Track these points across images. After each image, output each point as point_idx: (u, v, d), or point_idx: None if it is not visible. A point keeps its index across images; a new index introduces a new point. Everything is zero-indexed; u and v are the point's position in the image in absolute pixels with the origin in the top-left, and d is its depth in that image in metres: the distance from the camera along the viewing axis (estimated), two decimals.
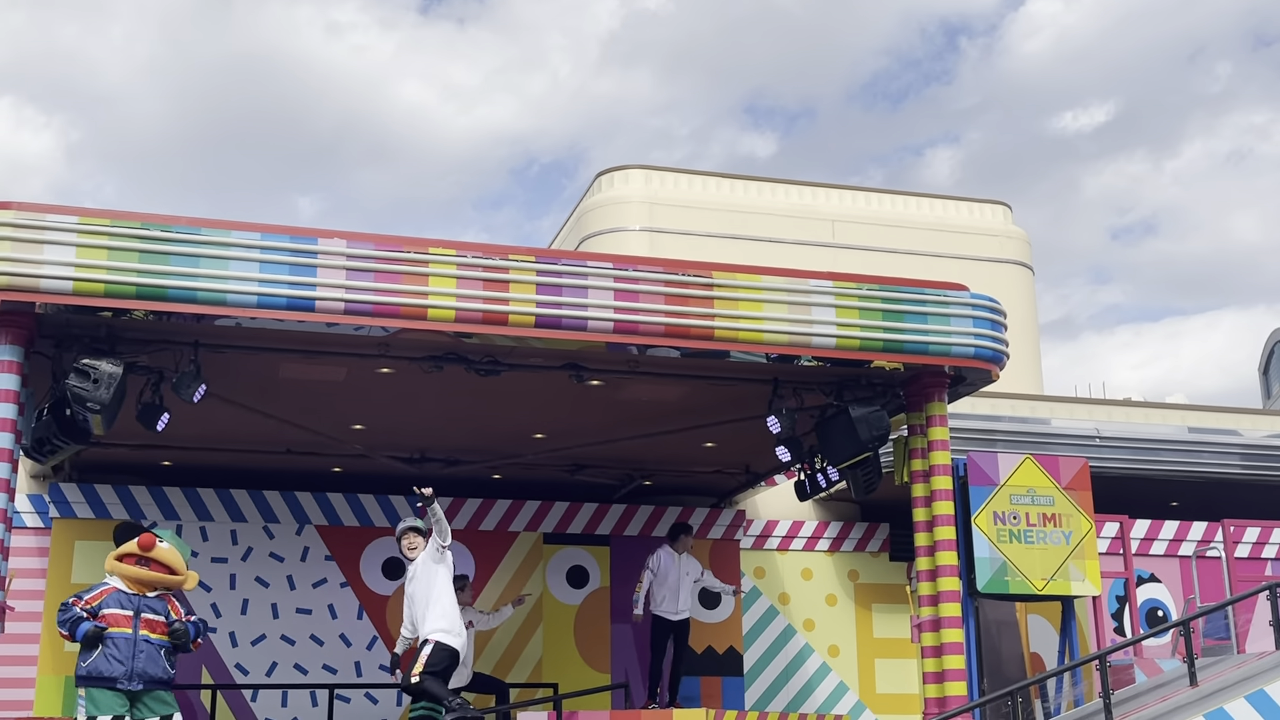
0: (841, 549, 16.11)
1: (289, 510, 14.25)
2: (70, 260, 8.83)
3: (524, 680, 14.27)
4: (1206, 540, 15.50)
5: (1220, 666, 10.65)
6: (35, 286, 8.78)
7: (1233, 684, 9.74)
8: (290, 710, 13.57)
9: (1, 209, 8.93)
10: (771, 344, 10.22)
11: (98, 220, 9.01)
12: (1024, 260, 21.92)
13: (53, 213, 8.97)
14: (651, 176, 20.69)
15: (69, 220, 8.94)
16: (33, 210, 8.96)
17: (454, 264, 9.58)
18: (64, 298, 8.88)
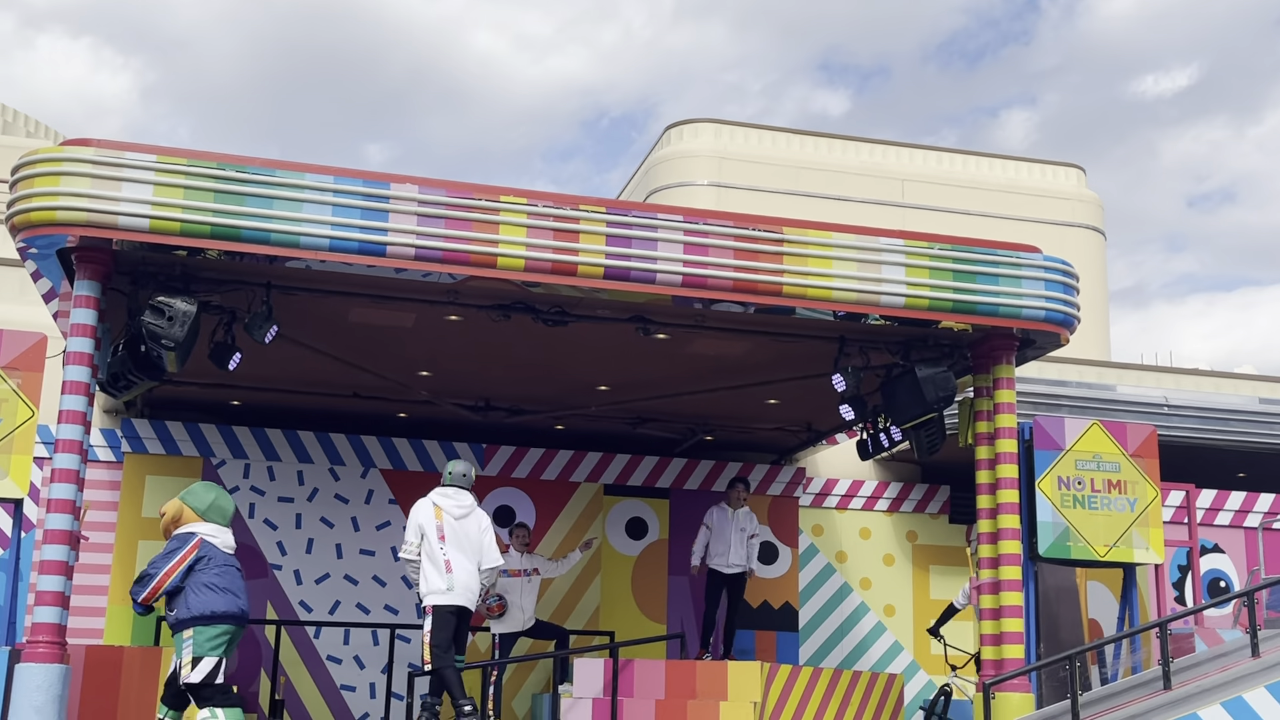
0: (901, 509, 16.08)
1: (354, 453, 14.38)
2: (147, 199, 8.85)
3: (581, 627, 14.36)
4: (1273, 512, 15.33)
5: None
6: (113, 223, 8.82)
7: None
8: (352, 648, 13.75)
9: (81, 146, 8.99)
10: (840, 301, 10.12)
11: (175, 160, 9.03)
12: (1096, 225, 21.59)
13: (131, 150, 9.00)
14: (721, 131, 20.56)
15: (147, 159, 8.97)
16: (112, 148, 8.99)
17: (525, 213, 9.53)
18: (140, 235, 8.90)
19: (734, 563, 13.57)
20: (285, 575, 13.87)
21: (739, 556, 13.59)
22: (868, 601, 15.74)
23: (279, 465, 14.15)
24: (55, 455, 9.13)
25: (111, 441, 13.88)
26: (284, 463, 14.17)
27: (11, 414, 9.37)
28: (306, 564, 13.99)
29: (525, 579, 12.58)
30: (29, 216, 8.85)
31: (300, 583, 13.93)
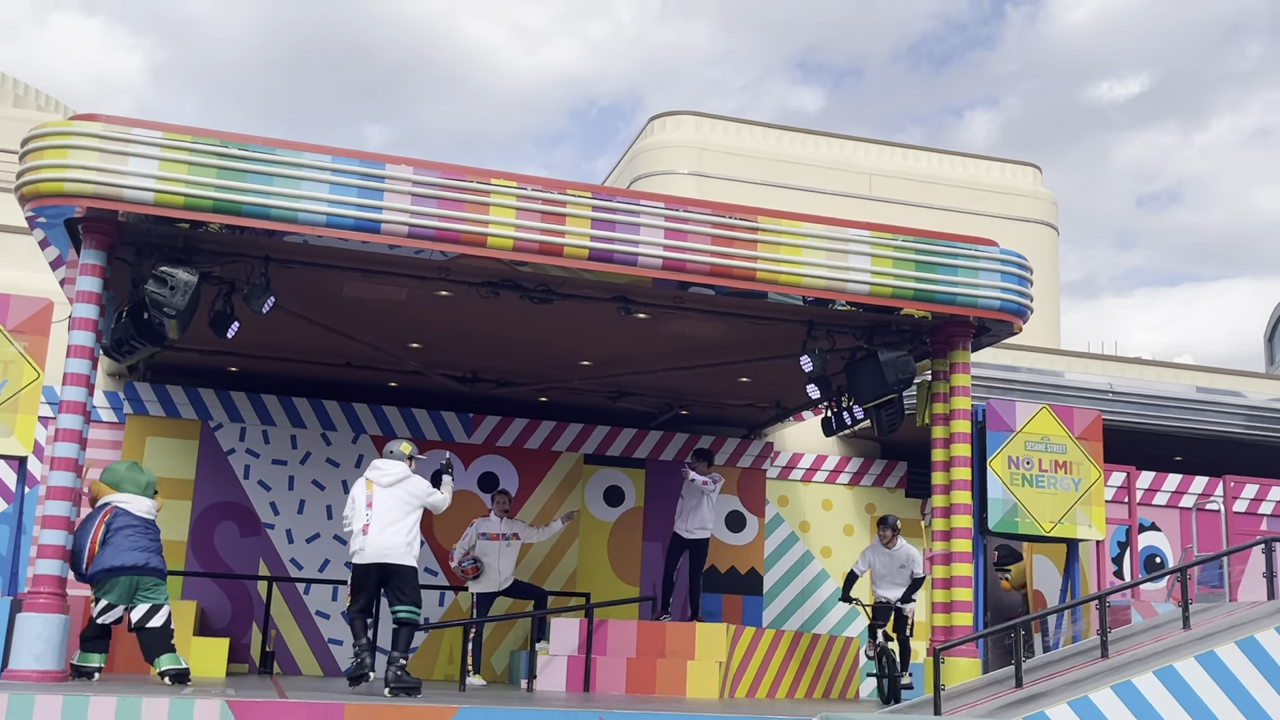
0: (861, 483, 16.14)
1: (346, 420, 14.31)
2: (152, 173, 8.77)
3: (559, 589, 14.34)
4: (1207, 494, 15.40)
5: (1213, 613, 10.58)
6: (119, 195, 8.73)
7: (1224, 629, 9.68)
8: (339, 604, 13.65)
9: (89, 120, 8.90)
10: (809, 287, 10.12)
11: (180, 136, 8.94)
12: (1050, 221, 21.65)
13: (138, 126, 8.91)
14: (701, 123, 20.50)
15: (153, 135, 8.88)
16: (119, 123, 8.90)
17: (514, 195, 9.47)
18: (145, 208, 8.82)
19: (692, 528, 13.42)
20: (277, 534, 13.80)
21: (697, 523, 13.41)
22: (828, 569, 15.81)
23: (273, 430, 14.05)
24: (59, 415, 9.06)
25: (114, 403, 13.77)
26: (278, 427, 14.08)
27: (17, 375, 9.26)
28: (298, 524, 13.92)
29: (504, 542, 12.52)
30: (38, 187, 8.77)
31: (292, 541, 13.86)
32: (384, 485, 9.60)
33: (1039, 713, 8.63)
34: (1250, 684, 9.13)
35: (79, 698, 7.26)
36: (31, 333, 9.36)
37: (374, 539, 9.44)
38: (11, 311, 9.36)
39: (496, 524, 12.58)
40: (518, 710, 7.95)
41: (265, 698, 7.79)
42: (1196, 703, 8.98)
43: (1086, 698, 8.74)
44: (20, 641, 8.59)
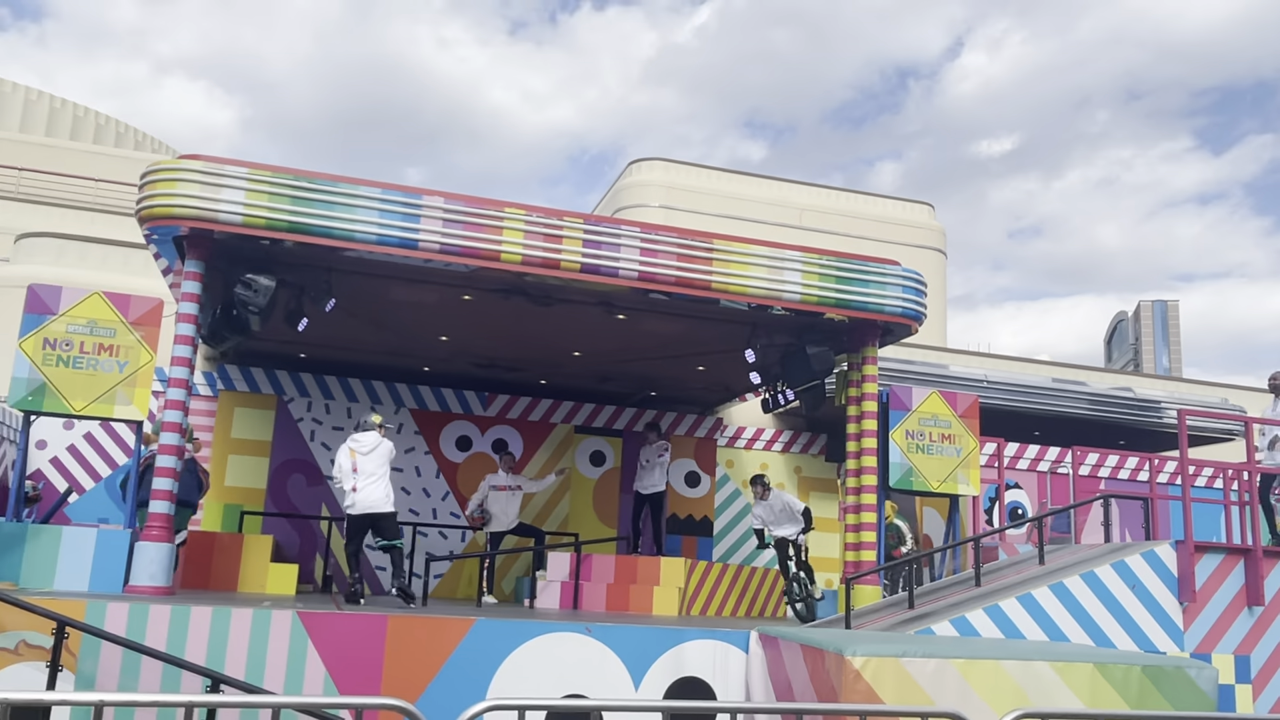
0: (791, 450, 16.19)
1: (390, 396, 14.31)
2: (241, 200, 8.80)
3: (555, 529, 14.40)
4: (1059, 461, 15.54)
5: (1062, 552, 10.68)
6: (214, 218, 8.76)
7: (1071, 565, 9.77)
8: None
9: (193, 159, 8.90)
10: (752, 296, 10.17)
11: (262, 172, 8.96)
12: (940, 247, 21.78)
13: (230, 164, 8.92)
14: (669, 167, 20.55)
15: (241, 171, 8.90)
16: (215, 162, 8.91)
17: (523, 221, 9.51)
18: (235, 228, 8.85)
19: (647, 485, 13.49)
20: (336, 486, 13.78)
21: (650, 480, 13.48)
22: None
23: (332, 403, 14.05)
24: (168, 389, 9.08)
25: (210, 382, 13.74)
26: (336, 401, 14.07)
27: (136, 357, 9.27)
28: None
29: (510, 492, 12.53)
30: (153, 211, 8.77)
31: None
32: (364, 453, 9.84)
33: (927, 628, 8.69)
34: (1090, 607, 9.25)
35: (183, 608, 7.32)
36: (147, 324, 9.36)
37: (362, 495, 9.76)
38: (132, 308, 9.36)
39: (504, 478, 12.61)
40: (522, 622, 8.00)
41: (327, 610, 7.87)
42: (1048, 621, 9.08)
43: (964, 617, 8.82)
44: (139, 564, 8.64)
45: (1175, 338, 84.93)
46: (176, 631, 7.20)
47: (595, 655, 7.97)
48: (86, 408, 9.13)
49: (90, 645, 6.92)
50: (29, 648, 6.85)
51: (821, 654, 7.00)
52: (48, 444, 13.03)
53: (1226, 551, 9.74)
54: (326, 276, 9.75)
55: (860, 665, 6.63)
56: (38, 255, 15.07)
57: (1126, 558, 9.50)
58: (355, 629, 7.52)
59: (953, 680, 6.74)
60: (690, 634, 8.29)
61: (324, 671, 7.37)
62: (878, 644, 6.91)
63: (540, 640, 7.91)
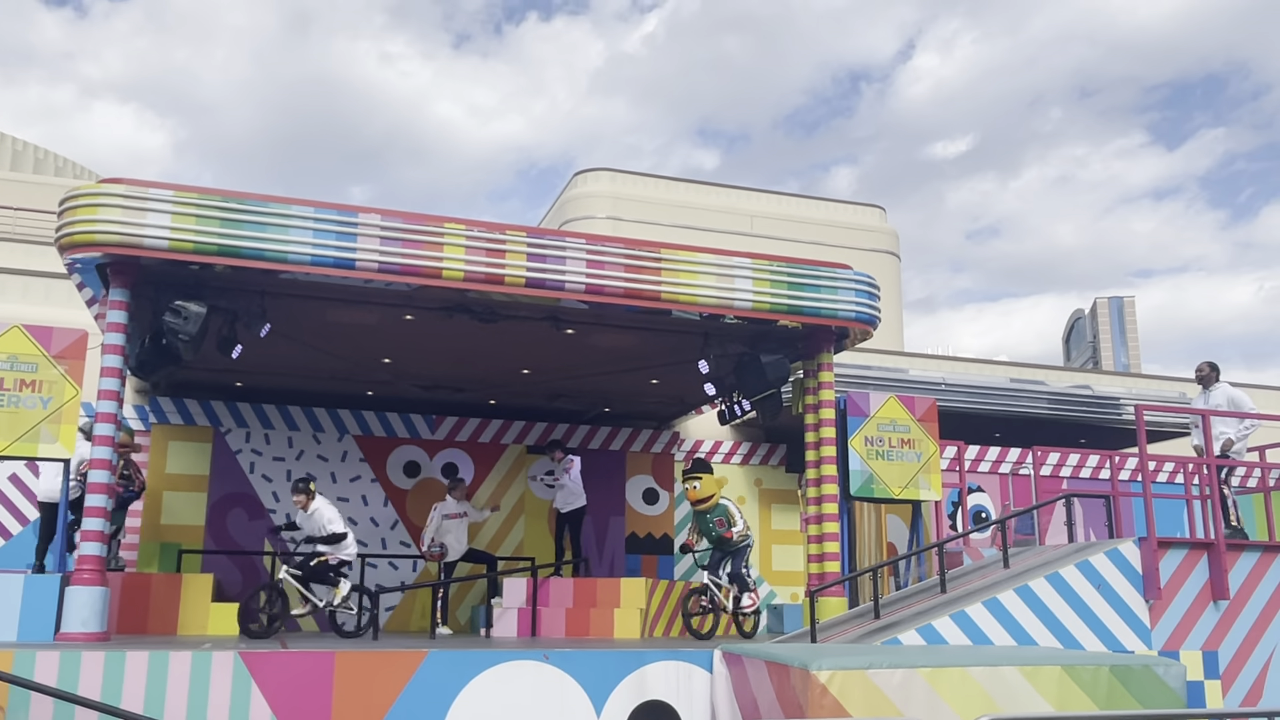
0: (750, 462, 16.21)
1: (332, 422, 14.15)
2: (167, 224, 8.65)
3: (510, 554, 14.29)
4: (1020, 462, 15.70)
5: (1027, 555, 10.77)
6: (139, 244, 8.60)
7: (1036, 567, 9.86)
8: None
9: (114, 183, 8.74)
10: (704, 305, 10.17)
11: (188, 194, 8.82)
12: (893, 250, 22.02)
13: (153, 187, 8.78)
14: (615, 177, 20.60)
15: (166, 194, 8.75)
16: (138, 185, 8.76)
17: (463, 236, 9.44)
18: (161, 253, 8.69)
19: (562, 503, 13.51)
20: (278, 517, 13.57)
21: (564, 498, 13.49)
22: None
23: (273, 433, 13.86)
24: (96, 424, 8.88)
25: (141, 415, 13.49)
26: (277, 430, 13.89)
27: (60, 393, 9.07)
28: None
29: (459, 519, 12.47)
30: (73, 239, 8.60)
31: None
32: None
33: (894, 638, 8.73)
34: (1056, 609, 9.34)
35: (118, 653, 7.15)
36: (71, 358, 9.17)
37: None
38: (54, 341, 9.16)
39: (454, 505, 12.53)
40: (477, 652, 7.93)
41: (271, 649, 7.72)
42: (1015, 625, 9.15)
43: (930, 625, 8.86)
44: (70, 609, 8.42)
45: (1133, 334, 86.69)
46: (112, 679, 7.04)
47: (554, 683, 7.91)
48: (9, 447, 8.90)
49: (19, 697, 6.73)
50: None
51: (787, 670, 7.01)
52: None
53: (1190, 546, 9.91)
54: (260, 300, 9.63)
55: (826, 679, 6.65)
56: None
57: (1091, 557, 9.61)
58: (301, 667, 7.40)
59: (920, 690, 6.78)
60: (652, 656, 8.26)
61: (269, 714, 7.23)
62: (843, 656, 6.93)
63: (497, 670, 7.83)
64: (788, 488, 16.02)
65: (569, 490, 13.45)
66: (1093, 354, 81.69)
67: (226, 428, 13.69)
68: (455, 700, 7.62)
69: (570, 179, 21.26)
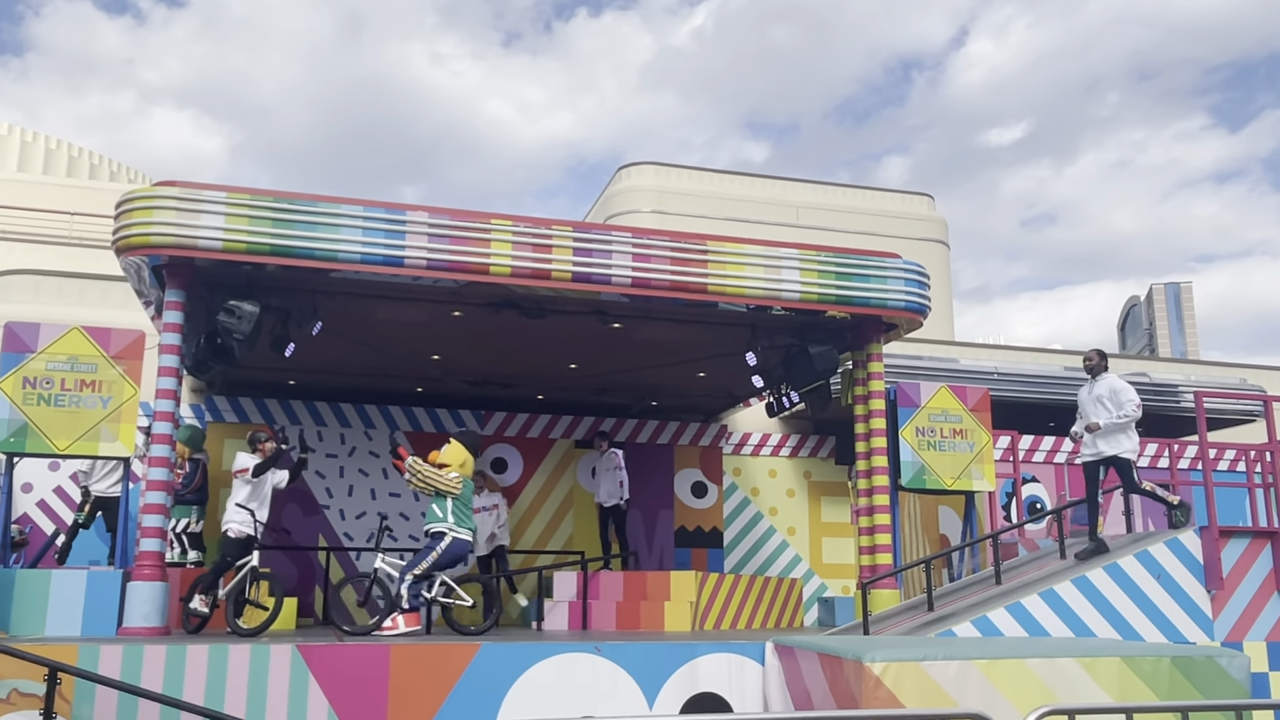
0: (799, 455, 16.18)
1: (383, 418, 14.32)
2: (221, 226, 8.80)
3: (559, 548, 14.38)
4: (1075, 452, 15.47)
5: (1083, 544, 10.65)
6: (194, 245, 8.77)
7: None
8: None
9: (169, 186, 8.91)
10: (750, 297, 10.15)
11: (240, 195, 8.97)
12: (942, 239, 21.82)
13: (207, 189, 8.94)
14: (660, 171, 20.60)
15: (219, 195, 8.91)
16: (192, 187, 8.92)
17: (510, 232, 9.51)
18: (215, 254, 8.85)
19: (601, 498, 13.46)
20: (332, 513, 13.80)
21: (605, 492, 13.43)
22: (775, 525, 15.86)
23: (325, 429, 14.06)
24: (154, 423, 9.07)
25: (197, 414, 13.74)
26: (329, 427, 14.08)
27: (119, 392, 9.28)
28: (348, 504, 13.92)
29: (486, 513, 12.46)
30: (130, 241, 8.78)
31: (344, 519, 13.85)
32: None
33: (948, 630, 8.70)
34: (1114, 600, 9.26)
35: (179, 647, 7.30)
36: (129, 358, 9.38)
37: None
38: (113, 342, 9.38)
39: (485, 498, 12.51)
40: (531, 645, 7.99)
41: (327, 642, 7.85)
42: (1072, 617, 9.09)
43: (985, 616, 8.83)
44: (131, 604, 8.63)
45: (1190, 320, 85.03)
46: (173, 672, 7.19)
47: (606, 675, 7.95)
48: (71, 446, 9.13)
49: (85, 691, 6.91)
50: (21, 696, 6.84)
51: (840, 662, 6.99)
52: (33, 486, 13.02)
53: (1253, 535, 9.73)
54: (311, 299, 9.76)
55: (880, 671, 6.62)
56: (14, 293, 15.09)
57: (1150, 547, 9.49)
58: (357, 660, 7.51)
59: (976, 682, 6.72)
60: (703, 648, 8.27)
61: (327, 705, 7.36)
62: (897, 648, 6.89)
63: (549, 662, 7.89)
64: (837, 480, 15.94)
65: (611, 483, 13.43)
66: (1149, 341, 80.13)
67: (280, 425, 13.88)
68: (509, 692, 7.69)
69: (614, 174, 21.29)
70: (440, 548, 9.46)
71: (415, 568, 9.45)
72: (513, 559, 12.87)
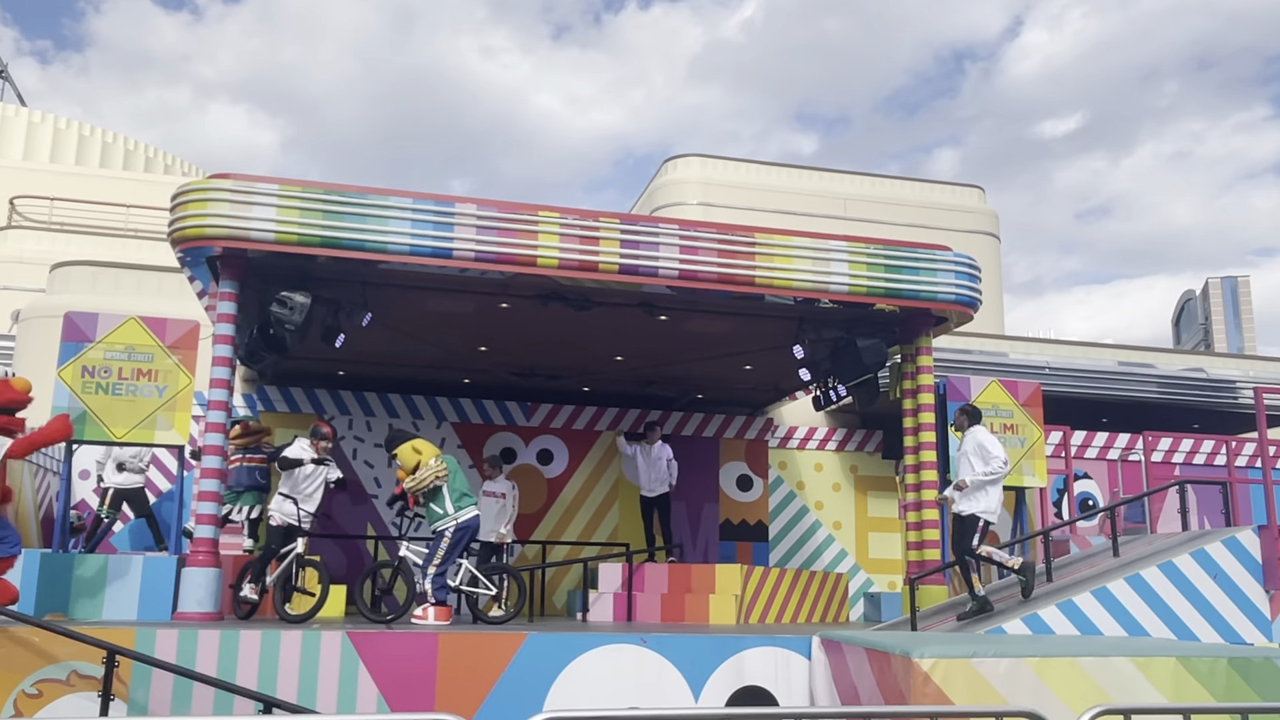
0: (845, 449, 16.08)
1: (430, 410, 14.43)
2: (273, 218, 8.92)
3: (604, 540, 14.42)
4: (1129, 448, 15.31)
5: (1137, 543, 10.50)
6: (247, 236, 8.90)
7: (1147, 556, 9.62)
8: None
9: (222, 179, 9.05)
10: (798, 289, 10.10)
11: (292, 187, 9.08)
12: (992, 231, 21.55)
13: (260, 181, 9.06)
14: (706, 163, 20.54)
15: (271, 188, 9.03)
16: (245, 179, 9.05)
17: (557, 224, 9.54)
18: (268, 246, 8.98)
19: (648, 488, 13.40)
20: (380, 503, 13.95)
21: (657, 482, 13.38)
22: (821, 519, 15.79)
23: (374, 419, 14.20)
24: (208, 412, 9.22)
25: (249, 404, 13.96)
26: (378, 417, 14.23)
27: (174, 381, 9.45)
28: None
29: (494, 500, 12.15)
30: (184, 233, 8.93)
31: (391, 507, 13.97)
32: None
33: (998, 627, 8.62)
34: (1169, 599, 9.10)
35: (232, 632, 7.43)
36: (184, 348, 9.54)
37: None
38: (169, 332, 9.55)
39: (494, 485, 12.36)
40: (577, 635, 8.03)
41: (376, 629, 7.94)
42: (1126, 615, 8.95)
43: (1036, 614, 8.72)
44: (186, 590, 8.80)
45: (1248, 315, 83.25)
46: (226, 656, 7.31)
47: (652, 667, 7.96)
48: (127, 434, 9.32)
49: (141, 673, 7.05)
50: (80, 678, 7.00)
51: (888, 657, 6.94)
52: (90, 473, 13.30)
53: None
54: (361, 290, 9.86)
55: (929, 667, 6.56)
56: (73, 284, 15.42)
57: (1207, 546, 9.32)
58: (406, 647, 7.59)
59: (1027, 679, 6.64)
60: (749, 641, 8.26)
61: (376, 691, 7.44)
62: (946, 645, 6.83)
63: (595, 653, 7.92)
64: (884, 474, 15.83)
65: (659, 474, 13.41)
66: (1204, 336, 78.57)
67: (330, 415, 14.07)
68: (555, 681, 7.73)
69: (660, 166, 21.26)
70: (448, 535, 9.56)
71: (432, 562, 9.51)
72: (557, 550, 12.91)
